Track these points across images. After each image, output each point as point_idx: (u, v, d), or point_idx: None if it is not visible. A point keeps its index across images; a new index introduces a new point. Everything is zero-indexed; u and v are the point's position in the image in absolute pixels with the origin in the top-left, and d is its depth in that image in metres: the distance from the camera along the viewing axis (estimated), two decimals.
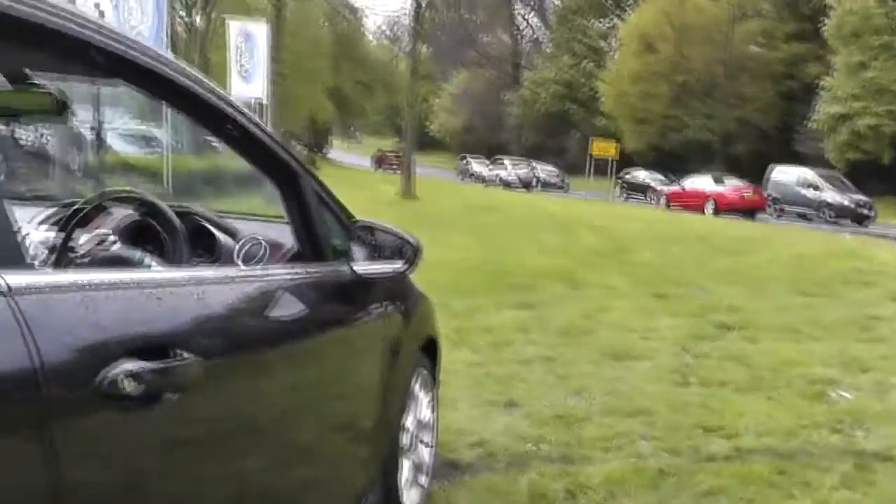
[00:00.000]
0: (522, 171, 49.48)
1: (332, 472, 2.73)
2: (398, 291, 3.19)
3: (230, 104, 2.14)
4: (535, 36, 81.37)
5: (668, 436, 4.61)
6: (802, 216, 31.37)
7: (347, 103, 63.05)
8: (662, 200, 34.85)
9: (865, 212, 30.60)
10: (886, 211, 31.73)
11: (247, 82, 23.12)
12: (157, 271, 2.21)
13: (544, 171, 49.55)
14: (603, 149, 37.27)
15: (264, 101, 23.07)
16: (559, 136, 62.40)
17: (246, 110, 2.26)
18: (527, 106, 65.72)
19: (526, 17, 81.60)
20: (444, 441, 4.20)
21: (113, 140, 22.51)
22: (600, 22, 66.22)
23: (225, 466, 1.89)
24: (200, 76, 2.06)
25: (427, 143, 72.86)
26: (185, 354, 1.59)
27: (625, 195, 42.04)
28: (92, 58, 1.73)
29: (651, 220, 22.05)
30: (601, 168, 38.29)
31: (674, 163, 44.01)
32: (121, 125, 24.60)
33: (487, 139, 70.33)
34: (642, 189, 41.54)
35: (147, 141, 26.99)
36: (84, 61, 1.81)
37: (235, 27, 24.02)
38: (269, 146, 2.32)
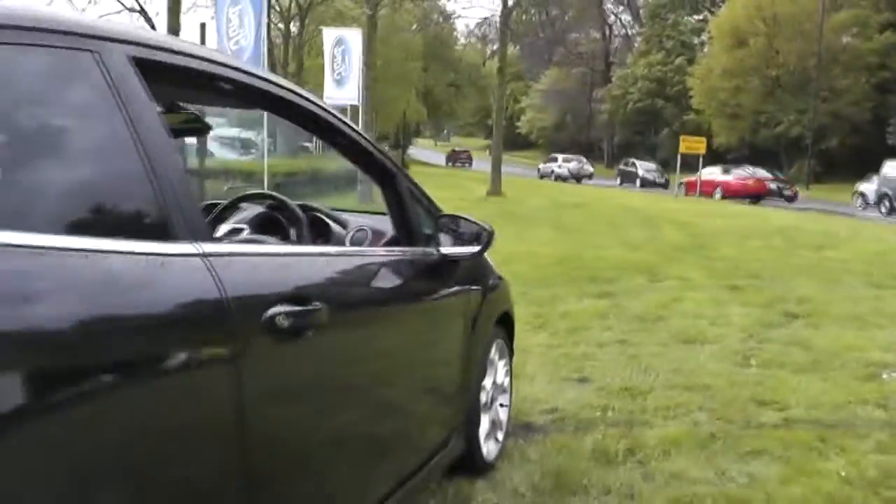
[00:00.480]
0: (572, 165, 51.86)
1: (422, 418, 3.37)
2: (478, 271, 3.81)
3: (343, 121, 2.82)
4: (625, 32, 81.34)
5: (724, 407, 5.11)
6: None
7: (438, 105, 64.27)
8: (682, 189, 38.29)
9: None
10: None
11: (341, 87, 23.92)
12: (295, 246, 2.93)
13: (643, 167, 47.72)
14: (692, 146, 37.26)
15: (357, 105, 23.89)
16: (650, 133, 62.38)
17: (354, 125, 2.94)
18: (617, 103, 65.82)
19: (616, 13, 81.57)
20: (520, 409, 4.82)
21: (213, 146, 23.59)
22: (692, 17, 65.96)
23: (339, 394, 2.55)
24: (322, 103, 2.74)
25: (517, 141, 73.31)
26: (318, 304, 2.24)
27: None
28: (245, 96, 2.46)
29: (736, 216, 22.20)
30: (692, 165, 38.27)
31: (764, 159, 43.58)
32: (220, 132, 25.68)
33: (577, 137, 70.62)
34: None
35: (244, 145, 28.13)
36: (239, 98, 2.54)
37: (330, 35, 24.90)
38: (372, 153, 3.01)
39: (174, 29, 17.79)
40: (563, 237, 14.98)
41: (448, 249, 3.31)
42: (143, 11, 28.74)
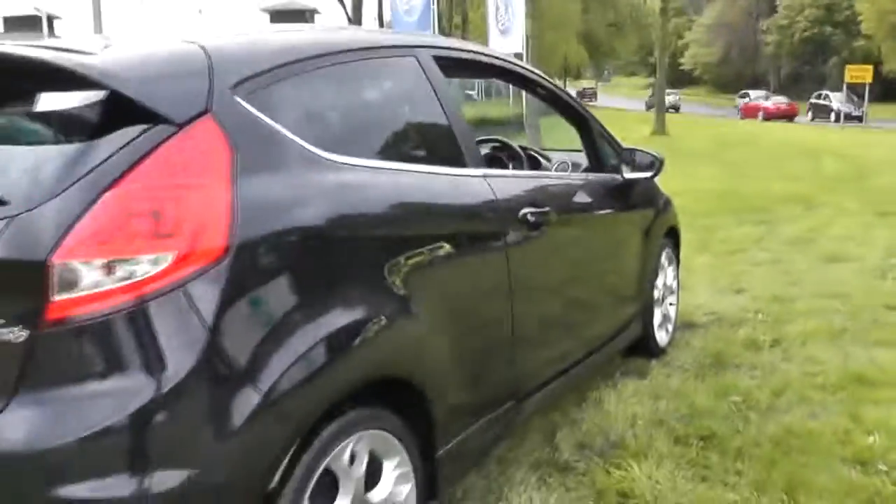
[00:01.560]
0: (671, 98, 54.51)
1: (613, 301, 4.63)
2: (650, 193, 5.03)
3: (551, 83, 4.22)
4: None
5: (857, 310, 6.13)
6: None
7: (598, 46, 64.17)
8: (739, 113, 51.39)
9: None
10: None
11: (505, 37, 24.89)
12: (529, 171, 4.40)
13: (838, 99, 43.30)
14: (857, 75, 36.76)
15: (522, 53, 24.80)
16: (817, 64, 60.68)
17: (559, 85, 4.28)
18: (783, 33, 64.08)
19: None
20: (685, 312, 5.96)
21: None
22: None
23: (561, 274, 3.86)
24: (539, 72, 4.16)
25: (681, 78, 72.21)
26: (548, 208, 3.53)
27: None
28: (489, 70, 3.98)
29: None
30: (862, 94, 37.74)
31: None
32: None
33: (743, 71, 69.11)
34: None
35: None
36: (485, 72, 4.00)
37: None
38: (572, 105, 4.36)
39: (358, 3, 19.36)
40: (725, 172, 15.91)
41: (629, 174, 4.53)
42: None
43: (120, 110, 2.13)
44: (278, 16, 53.58)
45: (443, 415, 2.80)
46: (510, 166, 4.59)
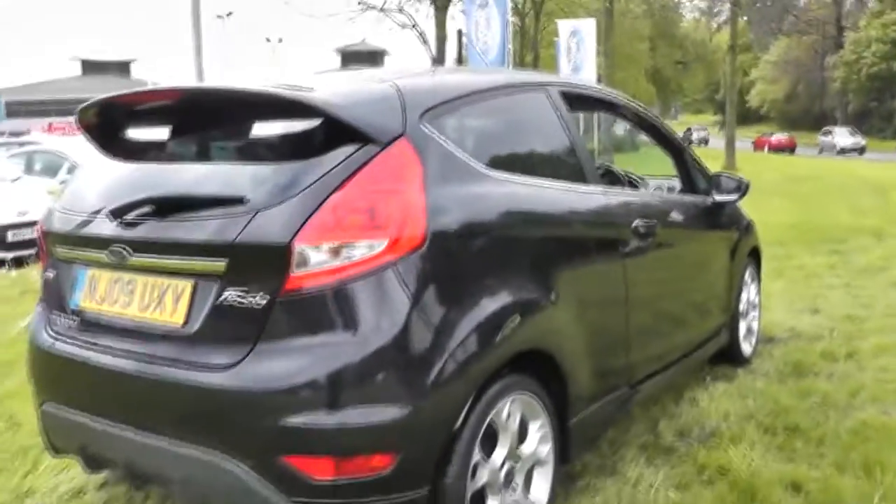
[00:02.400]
0: (702, 133, 63.31)
1: (705, 309, 5.14)
2: (736, 215, 5.57)
3: (651, 114, 4.84)
4: None
5: None
6: None
7: (666, 83, 64.55)
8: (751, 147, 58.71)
9: None
10: None
11: (576, 73, 25.55)
12: (637, 190, 4.96)
13: None
14: None
15: None
16: (886, 99, 60.19)
17: (658, 117, 4.90)
18: (850, 69, 63.56)
19: None
20: (765, 328, 6.44)
21: None
22: None
23: (664, 278, 4.42)
24: (639, 105, 4.75)
25: (747, 115, 71.83)
26: (654, 220, 4.10)
27: None
28: (602, 104, 4.60)
29: None
30: None
31: None
32: None
33: (810, 108, 68.71)
34: None
35: None
36: (599, 105, 4.73)
37: (565, 26, 26.62)
38: (668, 136, 4.93)
39: (441, 39, 20.10)
40: (796, 205, 16.33)
41: (718, 197, 5.08)
42: (414, 26, 32.27)
43: (334, 133, 2.80)
44: (351, 56, 54.95)
45: (575, 389, 3.41)
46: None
